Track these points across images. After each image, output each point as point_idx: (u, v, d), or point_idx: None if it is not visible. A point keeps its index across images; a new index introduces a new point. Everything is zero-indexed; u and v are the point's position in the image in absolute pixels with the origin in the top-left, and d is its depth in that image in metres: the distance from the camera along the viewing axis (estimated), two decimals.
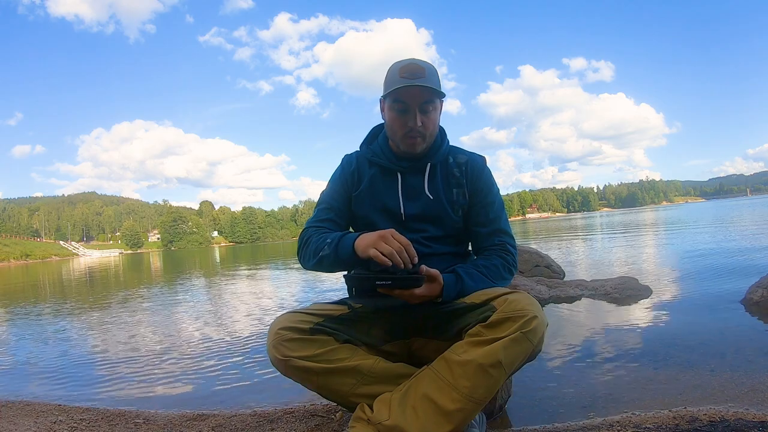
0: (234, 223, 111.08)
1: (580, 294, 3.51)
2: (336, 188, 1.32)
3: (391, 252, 1.03)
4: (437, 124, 1.25)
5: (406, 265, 1.04)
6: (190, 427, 1.51)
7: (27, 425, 1.58)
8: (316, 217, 1.30)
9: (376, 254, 1.04)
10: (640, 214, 38.90)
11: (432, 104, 1.20)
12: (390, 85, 1.19)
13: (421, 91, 1.17)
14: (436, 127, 1.25)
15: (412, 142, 1.22)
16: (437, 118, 1.24)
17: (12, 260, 65.63)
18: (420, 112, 1.19)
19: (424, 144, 1.23)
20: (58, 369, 2.59)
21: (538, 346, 1.04)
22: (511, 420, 1.42)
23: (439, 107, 1.24)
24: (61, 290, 8.92)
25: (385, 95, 1.23)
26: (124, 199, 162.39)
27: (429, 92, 1.18)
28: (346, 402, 1.16)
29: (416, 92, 1.17)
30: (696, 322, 2.57)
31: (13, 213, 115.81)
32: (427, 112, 1.20)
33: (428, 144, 1.25)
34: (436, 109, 1.22)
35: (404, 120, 1.20)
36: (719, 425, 1.19)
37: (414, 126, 1.19)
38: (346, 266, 1.20)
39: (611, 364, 1.90)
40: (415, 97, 1.18)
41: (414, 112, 1.18)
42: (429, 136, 1.23)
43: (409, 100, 1.18)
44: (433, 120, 1.22)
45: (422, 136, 1.21)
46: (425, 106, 1.19)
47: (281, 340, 1.09)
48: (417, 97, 1.18)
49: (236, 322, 3.70)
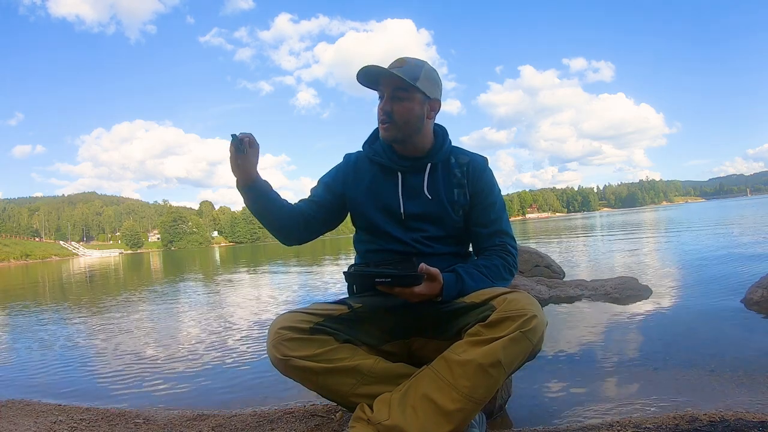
0: (234, 223, 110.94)
1: (580, 294, 3.51)
2: (327, 181, 1.34)
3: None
4: (414, 115, 1.22)
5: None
6: (190, 427, 1.51)
7: (27, 425, 1.58)
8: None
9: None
10: (640, 214, 38.90)
11: (404, 92, 1.20)
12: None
13: (390, 77, 1.19)
14: (410, 118, 1.22)
15: (381, 127, 1.24)
16: (414, 109, 1.22)
17: (12, 260, 65.65)
18: (391, 99, 1.21)
19: (395, 132, 1.23)
20: (58, 369, 2.59)
21: (537, 346, 1.04)
22: (511, 420, 1.42)
23: (419, 100, 1.22)
24: (61, 290, 8.92)
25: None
26: (124, 199, 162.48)
27: (397, 79, 1.19)
28: (346, 402, 1.16)
29: (387, 79, 1.20)
30: (696, 322, 2.57)
31: (13, 213, 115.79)
32: (398, 99, 1.20)
33: (404, 135, 1.24)
34: (411, 100, 1.21)
35: (380, 105, 1.23)
36: (719, 425, 1.19)
37: (380, 108, 1.22)
38: (250, 203, 1.24)
39: (611, 364, 1.90)
40: (387, 83, 1.21)
41: (386, 99, 1.21)
42: (401, 124, 1.22)
43: (383, 86, 1.22)
44: (407, 109, 1.21)
45: (391, 122, 1.21)
46: (396, 92, 1.20)
47: (281, 340, 1.09)
48: (388, 83, 1.21)
49: (236, 322, 3.70)
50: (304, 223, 1.30)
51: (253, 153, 1.19)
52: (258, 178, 1.22)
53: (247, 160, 1.19)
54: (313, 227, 1.32)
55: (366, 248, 1.31)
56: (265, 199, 1.24)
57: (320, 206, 1.32)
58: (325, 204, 1.32)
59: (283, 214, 1.27)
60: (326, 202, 1.32)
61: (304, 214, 1.29)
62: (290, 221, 1.28)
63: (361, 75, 1.22)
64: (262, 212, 1.26)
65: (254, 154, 1.20)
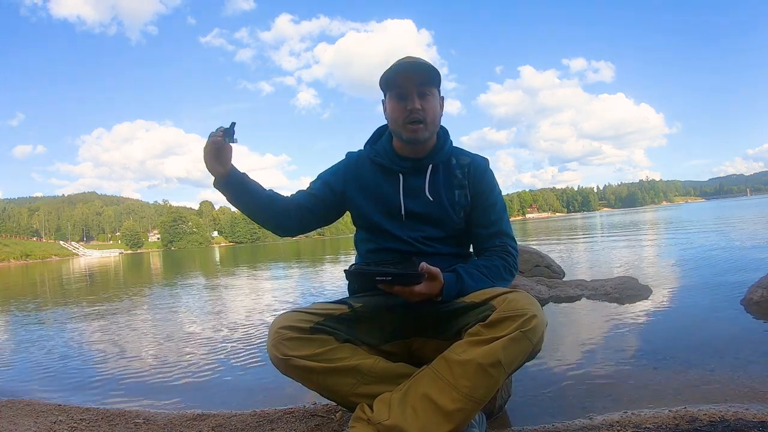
0: (234, 223, 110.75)
1: (580, 294, 3.51)
2: (327, 178, 1.33)
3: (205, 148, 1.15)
4: (437, 114, 1.23)
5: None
6: (190, 427, 1.50)
7: (27, 425, 1.58)
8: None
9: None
10: (640, 214, 38.89)
11: (429, 89, 1.19)
12: (387, 76, 1.21)
13: (416, 72, 1.17)
14: (436, 116, 1.22)
15: (414, 128, 1.19)
16: (437, 107, 1.22)
17: (12, 260, 65.64)
18: (418, 96, 1.18)
19: (426, 132, 1.21)
20: (58, 369, 2.59)
21: (537, 346, 1.04)
22: (511, 420, 1.42)
23: (438, 98, 1.23)
24: (61, 290, 8.91)
25: (383, 87, 1.24)
26: (124, 199, 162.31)
27: (425, 73, 1.17)
28: (346, 402, 1.16)
29: (411, 75, 1.17)
30: (696, 322, 2.57)
31: (13, 213, 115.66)
32: (425, 95, 1.19)
33: (431, 134, 1.23)
34: (434, 97, 1.21)
35: (403, 105, 1.19)
36: (719, 425, 1.19)
37: (413, 107, 1.18)
38: (235, 197, 1.22)
39: (611, 364, 1.90)
40: (411, 80, 1.18)
41: (413, 96, 1.18)
42: (431, 124, 1.21)
43: (406, 83, 1.18)
44: (433, 107, 1.21)
45: (423, 121, 1.19)
46: (422, 89, 1.18)
47: (281, 339, 1.09)
48: (413, 79, 1.18)
49: (236, 321, 3.70)
50: (298, 214, 1.28)
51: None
52: (237, 170, 1.21)
53: (229, 152, 1.18)
54: (308, 220, 1.31)
55: (367, 247, 1.31)
56: (250, 190, 1.22)
57: (319, 200, 1.31)
58: (324, 199, 1.31)
59: (272, 204, 1.25)
60: (325, 197, 1.31)
61: (300, 206, 1.29)
62: (282, 211, 1.27)
63: (394, 70, 1.18)
64: (249, 205, 1.24)
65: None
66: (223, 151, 1.18)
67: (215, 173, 1.19)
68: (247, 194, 1.23)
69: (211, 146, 1.17)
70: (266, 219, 1.27)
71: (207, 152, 1.17)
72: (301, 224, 1.31)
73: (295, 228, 1.31)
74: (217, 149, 1.17)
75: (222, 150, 1.17)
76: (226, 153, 1.18)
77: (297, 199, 1.30)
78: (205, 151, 1.18)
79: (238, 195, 1.22)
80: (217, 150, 1.17)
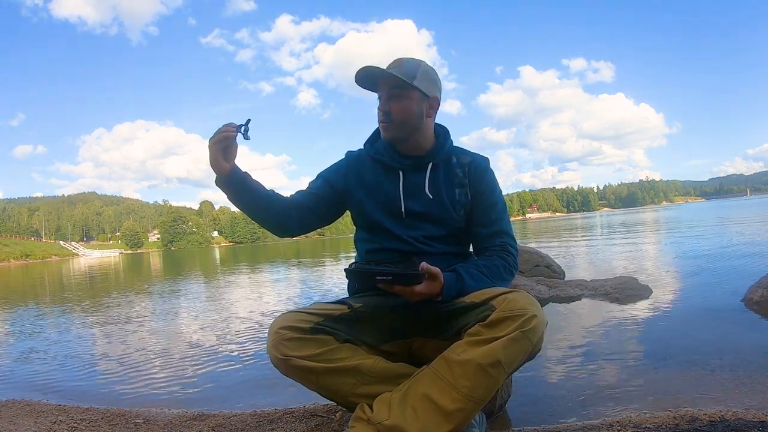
0: (234, 223, 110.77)
1: (580, 294, 3.51)
2: (327, 176, 1.33)
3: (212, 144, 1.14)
4: (412, 113, 1.23)
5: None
6: (190, 427, 1.51)
7: (27, 425, 1.58)
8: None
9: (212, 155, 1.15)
10: (640, 214, 38.90)
11: (401, 91, 1.21)
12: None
13: (386, 77, 1.20)
14: (409, 116, 1.23)
15: (381, 126, 1.25)
16: (412, 107, 1.22)
17: (12, 260, 65.67)
18: (389, 98, 1.22)
19: (394, 131, 1.24)
20: (58, 369, 2.59)
21: (537, 345, 1.04)
22: (511, 420, 1.42)
23: (416, 98, 1.22)
24: (61, 291, 8.91)
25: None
26: (125, 199, 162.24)
27: (393, 78, 1.19)
28: (346, 402, 1.16)
29: (384, 79, 1.22)
30: (696, 322, 2.57)
31: (13, 213, 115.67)
32: (396, 98, 1.21)
33: (404, 133, 1.24)
34: (409, 98, 1.21)
35: (378, 107, 1.25)
36: (719, 425, 1.19)
37: (379, 108, 1.23)
38: (237, 196, 1.21)
39: (611, 364, 1.90)
40: (384, 84, 1.22)
41: (384, 99, 1.22)
42: (398, 123, 1.22)
43: (380, 87, 1.23)
44: (405, 107, 1.22)
45: (389, 121, 1.22)
46: (393, 91, 1.21)
47: (281, 340, 1.09)
48: (385, 83, 1.22)
49: (236, 322, 3.70)
50: (299, 214, 1.28)
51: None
52: (239, 169, 1.21)
53: (235, 150, 1.18)
54: (309, 219, 1.30)
55: (366, 247, 1.30)
56: (251, 189, 1.22)
57: (320, 198, 1.30)
58: (325, 197, 1.31)
59: (273, 204, 1.25)
60: (326, 195, 1.31)
61: (301, 206, 1.28)
62: (283, 211, 1.26)
63: (358, 76, 1.22)
64: (250, 204, 1.23)
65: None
66: (230, 148, 1.17)
67: (220, 169, 1.18)
68: (248, 193, 1.22)
69: (223, 140, 1.15)
70: (267, 219, 1.27)
71: (215, 146, 1.16)
72: (301, 224, 1.30)
73: (296, 228, 1.31)
74: (227, 144, 1.16)
75: (230, 146, 1.17)
76: (232, 150, 1.18)
77: (297, 199, 1.29)
78: (213, 146, 1.16)
79: (239, 194, 1.22)
80: (228, 145, 1.16)
